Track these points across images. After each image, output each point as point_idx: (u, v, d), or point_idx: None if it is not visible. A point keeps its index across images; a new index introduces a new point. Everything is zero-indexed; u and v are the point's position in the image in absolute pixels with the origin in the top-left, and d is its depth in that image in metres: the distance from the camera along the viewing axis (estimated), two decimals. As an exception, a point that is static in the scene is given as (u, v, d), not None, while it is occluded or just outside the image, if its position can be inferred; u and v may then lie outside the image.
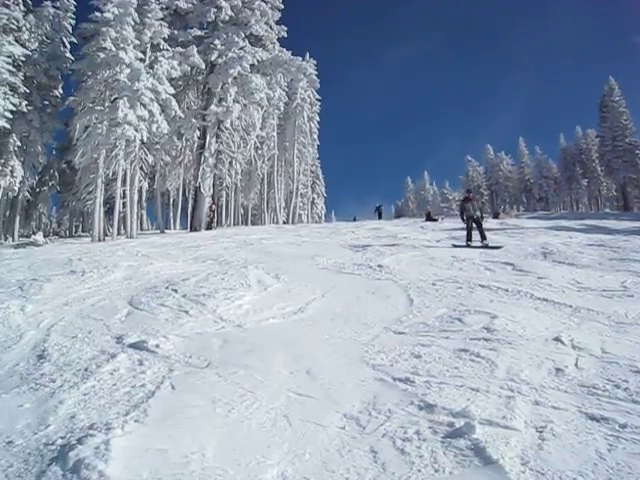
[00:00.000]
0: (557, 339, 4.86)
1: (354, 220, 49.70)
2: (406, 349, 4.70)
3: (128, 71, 21.90)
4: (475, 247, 13.04)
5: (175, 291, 7.67)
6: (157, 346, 5.01)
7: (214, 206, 27.98)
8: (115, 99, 21.88)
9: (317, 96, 46.17)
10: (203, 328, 5.83)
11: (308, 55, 43.84)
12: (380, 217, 40.45)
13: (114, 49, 21.96)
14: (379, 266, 9.89)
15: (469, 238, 14.04)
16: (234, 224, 38.70)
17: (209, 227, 26.59)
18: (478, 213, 14.60)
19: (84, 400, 3.72)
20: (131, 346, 5.09)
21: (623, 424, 3.04)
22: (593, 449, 2.78)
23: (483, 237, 13.95)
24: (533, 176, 71.05)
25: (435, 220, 34.19)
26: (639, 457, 2.67)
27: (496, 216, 39.83)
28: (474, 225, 14.37)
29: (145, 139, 22.77)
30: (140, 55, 23.28)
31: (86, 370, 4.42)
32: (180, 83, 27.54)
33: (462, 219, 14.94)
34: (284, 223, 38.39)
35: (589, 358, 4.33)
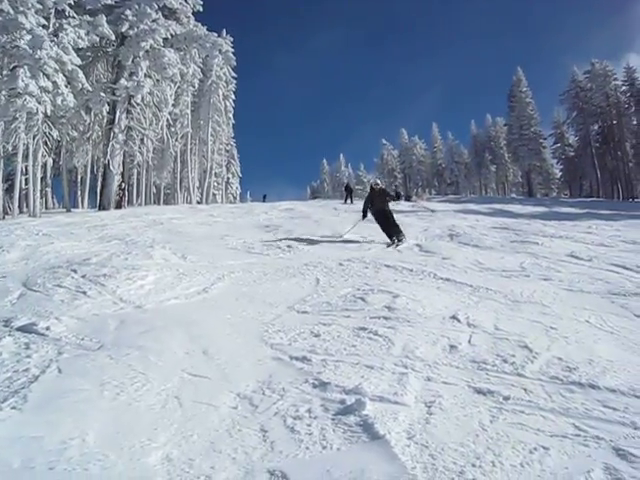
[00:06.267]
0: (454, 317, 5.00)
1: (264, 199, 49.19)
2: (306, 328, 4.70)
3: (29, 37, 20.44)
4: None
5: (74, 271, 7.30)
6: (47, 328, 4.74)
7: (124, 184, 26.91)
8: (14, 67, 20.44)
9: (233, 74, 45.28)
10: (100, 309, 5.58)
11: (225, 32, 42.77)
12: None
13: (12, 12, 20.39)
14: (288, 246, 9.89)
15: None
16: (146, 203, 37.50)
17: (119, 206, 25.57)
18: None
19: (-43, 388, 3.45)
20: (19, 329, 4.78)
21: (506, 396, 3.16)
22: (477, 421, 2.87)
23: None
24: (445, 161, 73.21)
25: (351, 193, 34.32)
26: (517, 426, 2.78)
27: (408, 199, 40.83)
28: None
29: (49, 112, 21.46)
30: (43, 21, 21.74)
31: (-36, 356, 4.11)
32: (88, 54, 26.11)
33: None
34: (198, 203, 37.60)
35: (482, 335, 4.47)
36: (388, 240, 11.14)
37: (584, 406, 3.02)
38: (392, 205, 12.26)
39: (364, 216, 12.17)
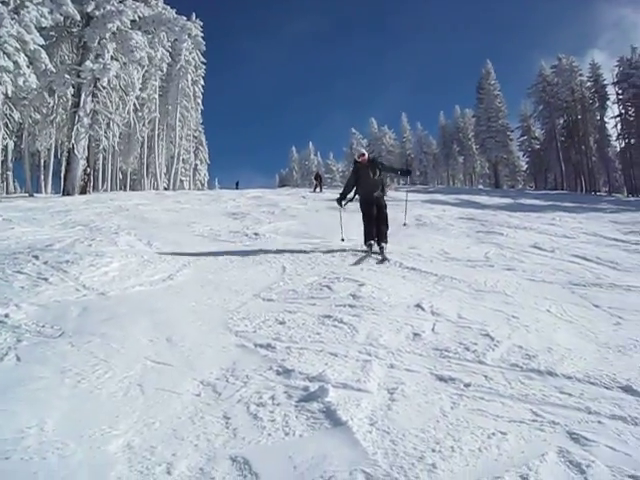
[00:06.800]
0: (418, 305, 5.04)
1: (236, 186, 48.94)
2: (271, 316, 4.70)
3: (-13, 14, 19.80)
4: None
5: (36, 257, 7.13)
6: (6, 316, 4.64)
7: (89, 169, 26.37)
8: (-28, 45, 19.77)
9: (202, 59, 44.80)
10: (62, 296, 5.48)
11: (194, 16, 42.29)
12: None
13: (-32, -14, 19.72)
14: (255, 234, 9.88)
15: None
16: (111, 189, 36.89)
17: (83, 192, 25.05)
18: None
19: None
20: (-24, 316, 4.67)
21: (467, 383, 3.21)
22: (438, 407, 2.91)
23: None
24: (414, 151, 73.81)
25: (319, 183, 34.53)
26: (477, 412, 2.83)
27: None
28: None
29: (10, 93, 20.80)
30: (3, -3, 21.04)
31: None
32: (52, 34, 25.37)
33: None
34: (165, 189, 37.18)
35: (445, 323, 4.53)
36: (364, 245, 8.12)
37: (542, 392, 3.09)
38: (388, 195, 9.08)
39: (340, 201, 8.65)
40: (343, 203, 8.71)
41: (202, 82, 45.62)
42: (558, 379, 3.29)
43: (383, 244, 7.98)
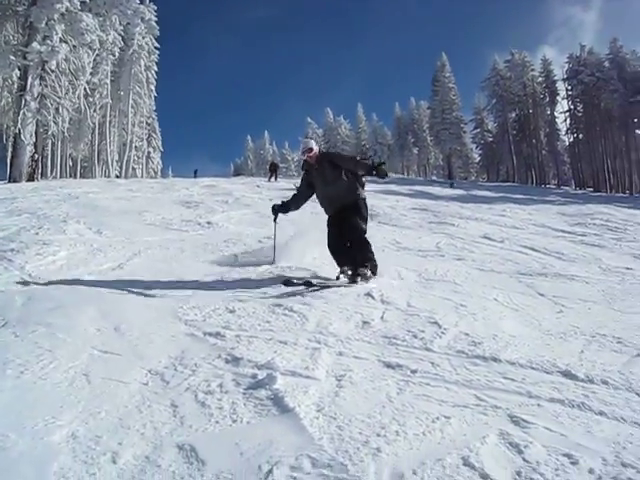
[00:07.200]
0: (368, 294, 5.09)
1: (195, 174, 48.13)
2: (222, 304, 4.66)
3: None
4: None
5: (-23, 247, 6.92)
6: (-54, 305, 4.49)
7: (37, 156, 25.62)
8: None
9: (156, 44, 43.92)
10: (6, 286, 5.33)
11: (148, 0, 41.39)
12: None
13: None
14: (208, 223, 9.80)
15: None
16: (61, 176, 35.85)
17: (31, 178, 24.32)
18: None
19: None
20: None
21: (414, 370, 3.26)
22: (384, 393, 2.95)
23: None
24: (369, 142, 74.27)
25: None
26: (423, 398, 2.88)
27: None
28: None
29: (-48, 75, 20.04)
30: (-60, -27, 20.15)
31: None
32: (-5, 12, 24.47)
33: None
34: (117, 177, 36.41)
35: (395, 311, 4.59)
36: (337, 272, 5.66)
37: (486, 378, 3.16)
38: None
39: (276, 211, 6.45)
40: (277, 219, 6.60)
41: (156, 68, 44.76)
42: (502, 365, 3.38)
43: (365, 270, 5.66)
